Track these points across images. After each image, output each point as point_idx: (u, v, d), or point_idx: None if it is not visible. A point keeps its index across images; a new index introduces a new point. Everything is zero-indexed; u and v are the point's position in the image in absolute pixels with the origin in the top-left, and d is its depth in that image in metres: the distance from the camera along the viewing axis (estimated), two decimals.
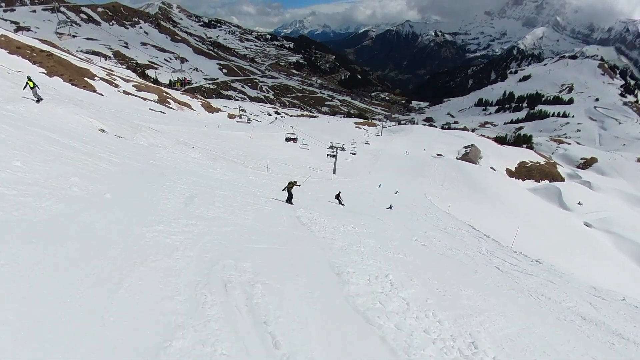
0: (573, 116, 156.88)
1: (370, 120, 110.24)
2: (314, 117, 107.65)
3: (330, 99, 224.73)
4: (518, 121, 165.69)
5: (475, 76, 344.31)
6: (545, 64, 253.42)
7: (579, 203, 42.75)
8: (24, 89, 14.33)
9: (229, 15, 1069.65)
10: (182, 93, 77.02)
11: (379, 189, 27.33)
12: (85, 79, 50.77)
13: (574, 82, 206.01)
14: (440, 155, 54.67)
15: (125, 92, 54.13)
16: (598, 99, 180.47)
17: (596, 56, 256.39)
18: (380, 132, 75.04)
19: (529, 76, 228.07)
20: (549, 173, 60.82)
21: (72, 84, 46.52)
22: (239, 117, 61.19)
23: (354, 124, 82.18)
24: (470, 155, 55.98)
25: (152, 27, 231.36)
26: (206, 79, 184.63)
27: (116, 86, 54.60)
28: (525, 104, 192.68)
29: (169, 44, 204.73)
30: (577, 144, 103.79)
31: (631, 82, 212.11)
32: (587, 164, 78.22)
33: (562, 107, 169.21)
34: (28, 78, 14.46)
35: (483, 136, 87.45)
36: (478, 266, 8.84)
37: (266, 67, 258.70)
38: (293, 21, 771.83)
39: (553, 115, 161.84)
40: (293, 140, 37.83)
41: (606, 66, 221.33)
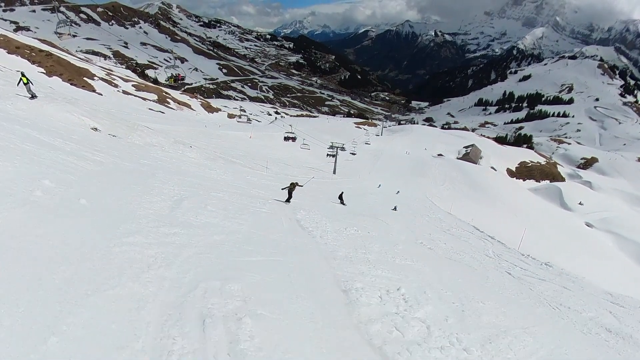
0: (573, 116, 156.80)
1: (370, 120, 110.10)
2: (314, 117, 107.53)
3: (330, 99, 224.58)
4: (518, 121, 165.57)
5: (475, 76, 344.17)
6: (545, 64, 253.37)
7: (580, 203, 42.63)
8: (17, 85, 14.03)
9: (228, 15, 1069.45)
10: (181, 93, 76.88)
11: (380, 189, 27.18)
12: (85, 78, 50.58)
13: (573, 82, 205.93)
14: (440, 155, 54.51)
15: (125, 92, 53.97)
16: (598, 99, 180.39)
17: (596, 56, 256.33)
18: (380, 132, 74.89)
19: (528, 76, 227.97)
20: (549, 173, 60.68)
21: (72, 83, 46.33)
22: (239, 117, 61.01)
23: (354, 124, 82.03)
24: (471, 155, 55.82)
25: (152, 27, 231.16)
26: (206, 79, 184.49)
27: (115, 86, 54.43)
28: (525, 104, 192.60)
29: (169, 44, 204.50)
30: (577, 143, 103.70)
31: (631, 82, 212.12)
32: (587, 164, 78.14)
33: (562, 107, 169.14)
34: (22, 74, 14.13)
35: (483, 136, 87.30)
36: (488, 271, 8.60)
37: (266, 67, 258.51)
38: (293, 21, 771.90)
39: (553, 115, 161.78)
40: (292, 140, 37.04)
41: (606, 66, 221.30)
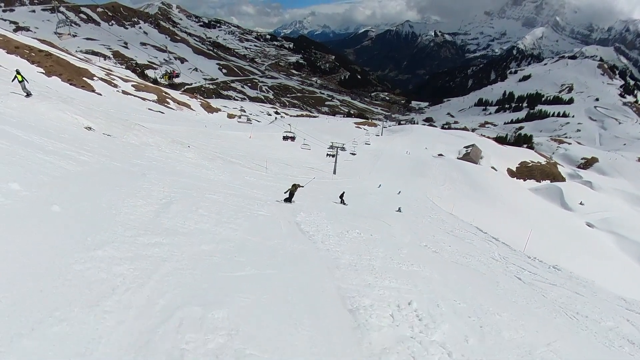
0: (573, 116, 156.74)
1: (370, 120, 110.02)
2: (314, 117, 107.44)
3: (330, 99, 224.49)
4: (518, 121, 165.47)
5: (475, 76, 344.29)
6: (545, 64, 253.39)
7: (580, 203, 42.53)
8: (12, 82, 13.89)
9: (228, 15, 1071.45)
10: (181, 93, 76.77)
11: (380, 189, 27.07)
12: (84, 78, 50.45)
13: (573, 82, 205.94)
14: (441, 155, 54.41)
15: (124, 92, 53.83)
16: (598, 99, 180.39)
17: (595, 56, 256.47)
18: (380, 132, 74.79)
19: (528, 76, 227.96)
20: (550, 173, 60.58)
21: (71, 83, 46.19)
22: (239, 117, 60.92)
23: (354, 124, 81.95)
24: (471, 155, 55.71)
25: (152, 27, 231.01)
26: (206, 79, 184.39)
27: (115, 86, 54.30)
28: (525, 104, 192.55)
29: (168, 44, 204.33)
30: (577, 143, 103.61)
31: (631, 82, 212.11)
32: (587, 163, 78.06)
33: (562, 107, 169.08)
34: (17, 72, 13.93)
35: (483, 136, 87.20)
36: (497, 276, 8.31)
37: (266, 67, 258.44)
38: (293, 21, 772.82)
39: (553, 115, 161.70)
40: (291, 139, 36.29)
41: (606, 66, 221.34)
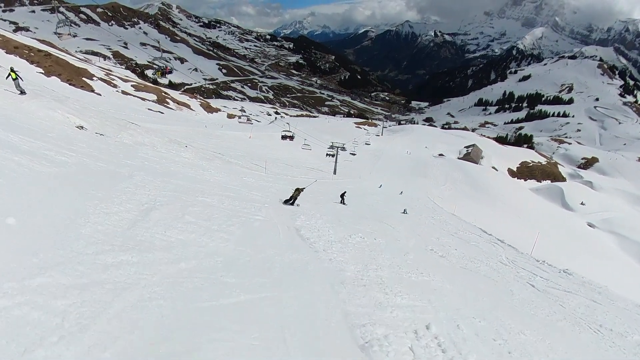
0: (573, 116, 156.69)
1: (370, 120, 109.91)
2: (314, 117, 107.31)
3: (330, 99, 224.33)
4: (518, 121, 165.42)
5: (475, 76, 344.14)
6: (545, 64, 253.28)
7: (581, 203, 42.43)
8: (6, 79, 13.77)
9: (228, 16, 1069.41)
10: (181, 93, 76.64)
11: (381, 189, 26.93)
12: (83, 78, 50.31)
13: (573, 82, 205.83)
14: (441, 155, 54.29)
15: (124, 92, 53.71)
16: (598, 99, 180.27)
17: (595, 56, 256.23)
18: (380, 132, 74.66)
19: (528, 76, 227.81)
20: (550, 173, 60.47)
21: (70, 83, 46.04)
22: (239, 117, 60.80)
23: (354, 124, 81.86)
24: (472, 155, 55.58)
25: (152, 27, 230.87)
26: (206, 79, 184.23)
27: (114, 86, 54.17)
28: (525, 104, 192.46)
29: (169, 45, 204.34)
30: (577, 143, 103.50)
31: (630, 82, 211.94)
32: (588, 163, 77.99)
33: (562, 107, 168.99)
34: (11, 69, 13.78)
35: (484, 136, 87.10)
36: (510, 284, 7.97)
37: (266, 67, 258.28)
38: (292, 22, 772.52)
39: (553, 115, 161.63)
40: (289, 139, 35.43)
41: (605, 66, 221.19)
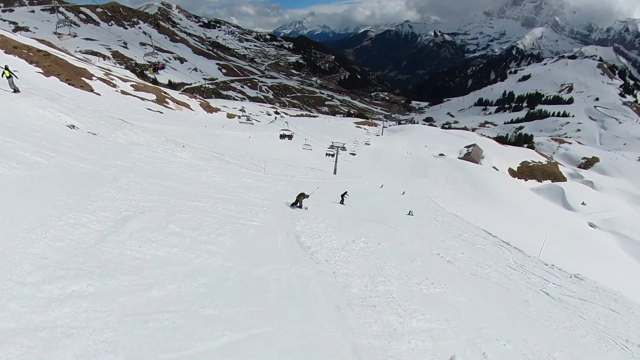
0: (573, 116, 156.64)
1: (370, 120, 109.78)
2: (314, 117, 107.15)
3: (330, 98, 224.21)
4: (518, 121, 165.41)
5: (474, 76, 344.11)
6: (544, 64, 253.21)
7: (582, 203, 42.32)
8: (0, 77, 13.67)
9: (228, 16, 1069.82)
10: (180, 93, 76.51)
11: (382, 189, 26.77)
12: (83, 78, 50.15)
13: (573, 81, 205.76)
14: (442, 155, 54.16)
15: (123, 92, 53.55)
16: (598, 99, 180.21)
17: (595, 56, 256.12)
18: (380, 132, 74.51)
19: (528, 76, 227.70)
20: (551, 173, 60.36)
21: (69, 83, 45.88)
22: (239, 117, 60.66)
23: (354, 123, 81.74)
24: (473, 155, 55.45)
25: (152, 27, 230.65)
26: (205, 79, 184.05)
27: (114, 86, 54.01)
28: (525, 104, 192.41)
29: (169, 44, 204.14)
30: (578, 143, 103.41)
31: (630, 82, 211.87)
32: (588, 163, 77.93)
33: (562, 107, 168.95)
34: (5, 67, 13.69)
35: (484, 136, 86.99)
36: (523, 292, 7.59)
37: (266, 67, 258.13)
38: (292, 22, 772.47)
39: (553, 115, 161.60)
40: (288, 138, 34.88)
41: (605, 66, 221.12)
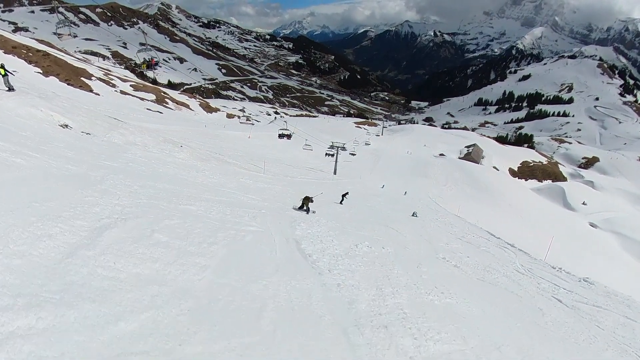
0: (573, 115, 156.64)
1: (370, 120, 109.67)
2: (314, 117, 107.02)
3: (329, 98, 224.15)
4: (518, 121, 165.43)
5: (474, 76, 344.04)
6: (544, 64, 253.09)
7: (583, 203, 42.20)
8: None
9: (228, 16, 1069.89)
10: (180, 93, 76.40)
11: (382, 189, 26.66)
12: (82, 78, 50.02)
13: (573, 81, 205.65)
14: (442, 154, 54.04)
15: (123, 92, 53.42)
16: (598, 98, 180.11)
17: (595, 56, 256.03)
18: (380, 132, 74.38)
19: (528, 76, 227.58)
20: (551, 173, 60.27)
21: (68, 83, 45.76)
22: (239, 117, 60.61)
23: (353, 123, 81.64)
24: (473, 155, 55.33)
25: (151, 27, 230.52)
26: (205, 79, 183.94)
27: (113, 86, 53.88)
28: (525, 104, 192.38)
29: (168, 44, 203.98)
30: (578, 143, 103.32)
31: (630, 82, 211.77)
32: (588, 163, 77.87)
33: (562, 107, 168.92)
34: (0, 65, 13.52)
35: (484, 136, 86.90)
36: (534, 298, 7.29)
37: (265, 67, 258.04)
38: (292, 22, 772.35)
39: (553, 115, 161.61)
40: (287, 137, 34.43)
41: (605, 66, 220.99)
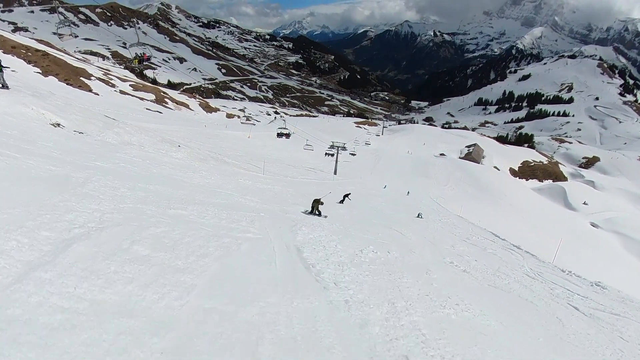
0: (573, 115, 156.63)
1: (370, 119, 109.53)
2: (314, 117, 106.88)
3: (329, 98, 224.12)
4: (518, 120, 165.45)
5: (474, 76, 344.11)
6: (544, 64, 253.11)
7: (584, 203, 42.10)
8: None
9: (227, 16, 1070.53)
10: (180, 93, 76.25)
11: (385, 189, 26.50)
12: (81, 78, 49.85)
13: (573, 81, 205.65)
14: (442, 154, 53.94)
15: (122, 92, 53.26)
16: (598, 98, 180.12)
17: (595, 56, 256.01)
18: (380, 132, 74.24)
19: (528, 75, 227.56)
20: (552, 172, 60.17)
21: (68, 83, 45.59)
22: (240, 117, 60.49)
23: (354, 123, 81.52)
24: (474, 155, 55.22)
25: (151, 27, 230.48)
26: (205, 79, 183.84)
27: (112, 86, 53.72)
28: (525, 103, 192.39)
29: (168, 44, 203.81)
30: (578, 143, 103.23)
31: (630, 81, 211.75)
32: (589, 163, 77.77)
33: (562, 107, 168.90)
34: None
35: (484, 135, 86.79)
36: (550, 307, 6.91)
37: (265, 67, 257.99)
38: (292, 22, 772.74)
39: (553, 115, 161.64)
40: (286, 136, 34.20)
41: (605, 65, 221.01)
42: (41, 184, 5.56)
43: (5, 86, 13.02)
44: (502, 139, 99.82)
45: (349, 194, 14.65)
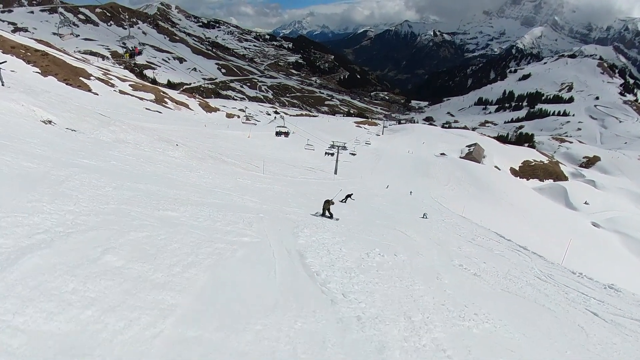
0: (573, 115, 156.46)
1: (370, 119, 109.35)
2: (314, 116, 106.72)
3: (329, 98, 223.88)
4: (518, 120, 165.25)
5: (474, 75, 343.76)
6: (544, 63, 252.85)
7: (585, 202, 41.97)
8: None
9: (227, 16, 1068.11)
10: (179, 93, 76.08)
11: (387, 189, 26.36)
12: (81, 78, 49.75)
13: (573, 80, 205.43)
14: (443, 154, 53.78)
15: (121, 92, 53.12)
16: (598, 98, 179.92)
17: (595, 55, 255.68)
18: (381, 132, 74.07)
19: (528, 75, 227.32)
20: (552, 172, 59.99)
21: (67, 83, 45.48)
22: (240, 117, 60.34)
23: (354, 123, 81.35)
24: (474, 154, 55.04)
25: (151, 27, 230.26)
26: (205, 78, 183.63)
27: (112, 86, 53.59)
28: (525, 103, 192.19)
29: (168, 44, 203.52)
30: (578, 142, 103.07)
31: (630, 81, 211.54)
32: (589, 162, 77.61)
33: (563, 106, 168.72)
34: None
35: (484, 135, 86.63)
36: (569, 313, 6.61)
37: (265, 67, 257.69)
38: (291, 22, 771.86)
39: (553, 114, 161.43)
40: (284, 135, 33.76)
41: (605, 65, 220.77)
42: (11, 183, 4.96)
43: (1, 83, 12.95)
44: (502, 139, 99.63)
45: (351, 194, 14.53)
